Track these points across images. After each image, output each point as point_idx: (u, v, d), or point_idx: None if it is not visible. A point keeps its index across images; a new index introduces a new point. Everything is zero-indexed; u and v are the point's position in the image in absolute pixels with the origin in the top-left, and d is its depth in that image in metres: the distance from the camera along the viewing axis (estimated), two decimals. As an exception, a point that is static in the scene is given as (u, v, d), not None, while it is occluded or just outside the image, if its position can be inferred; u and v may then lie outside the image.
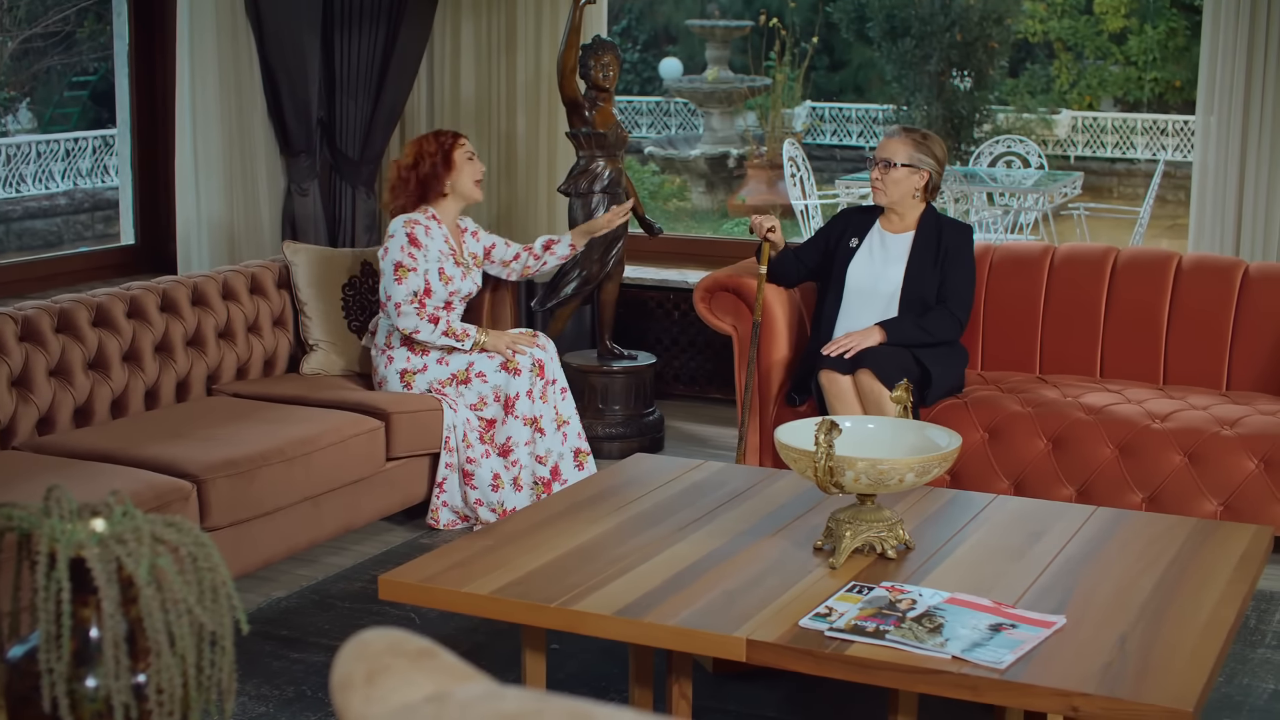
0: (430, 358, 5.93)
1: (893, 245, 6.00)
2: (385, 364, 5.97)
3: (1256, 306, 6.06)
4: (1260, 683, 4.52)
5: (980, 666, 3.28)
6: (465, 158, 6.01)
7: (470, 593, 3.75)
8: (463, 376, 5.89)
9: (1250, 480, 5.47)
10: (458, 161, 6.00)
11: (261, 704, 4.34)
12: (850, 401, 5.71)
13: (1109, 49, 18.82)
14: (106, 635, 2.08)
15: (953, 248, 5.95)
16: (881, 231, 6.03)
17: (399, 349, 5.95)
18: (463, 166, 6.00)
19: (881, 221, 6.05)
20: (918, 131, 6.04)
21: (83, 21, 14.36)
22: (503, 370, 5.86)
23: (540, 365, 5.89)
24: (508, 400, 5.84)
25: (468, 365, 5.89)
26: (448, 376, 5.90)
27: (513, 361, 5.87)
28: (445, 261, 5.96)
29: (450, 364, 5.91)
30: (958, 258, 5.95)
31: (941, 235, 5.97)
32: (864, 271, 5.99)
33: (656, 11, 20.57)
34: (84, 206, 14.15)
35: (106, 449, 5.16)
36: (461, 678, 1.74)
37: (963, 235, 6.01)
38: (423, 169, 5.98)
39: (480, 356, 5.89)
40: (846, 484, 3.82)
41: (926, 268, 5.93)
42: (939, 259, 5.94)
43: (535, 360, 5.88)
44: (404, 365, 5.94)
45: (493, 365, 5.87)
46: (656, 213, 14.93)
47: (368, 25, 7.43)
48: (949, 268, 5.93)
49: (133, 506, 2.21)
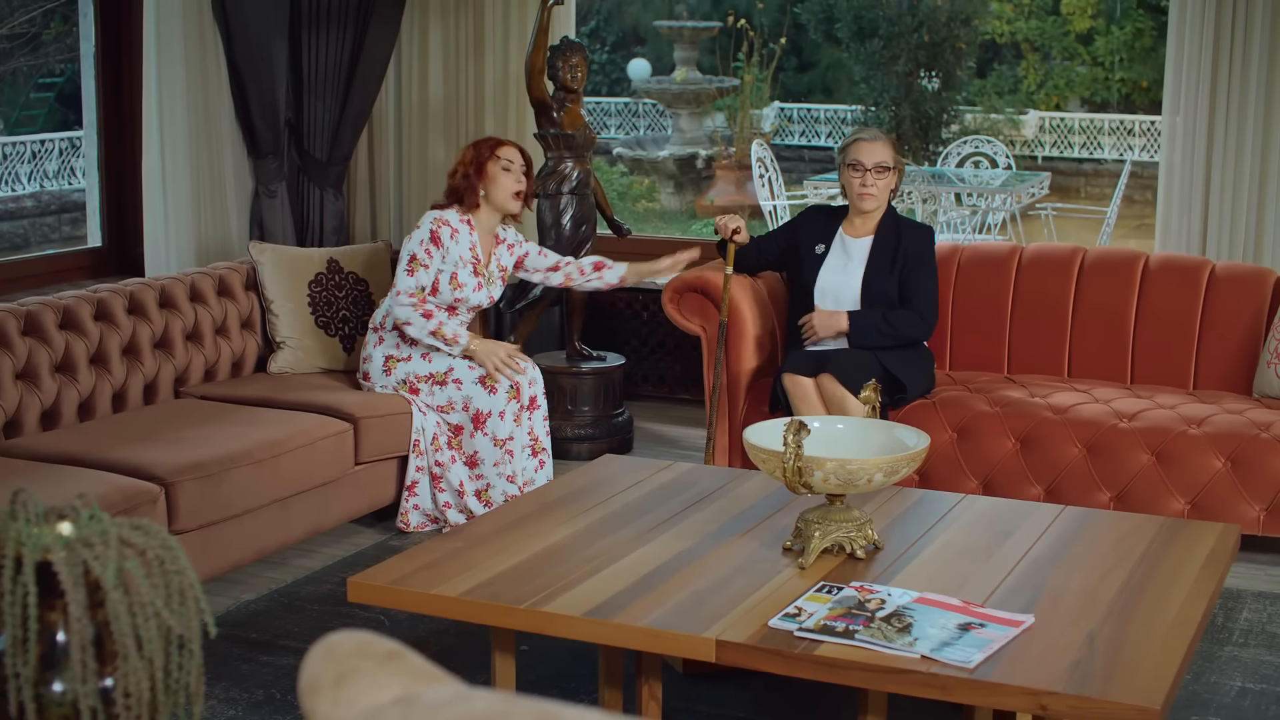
0: (416, 350, 5.90)
1: (854, 249, 6.00)
2: (376, 343, 5.96)
3: (1223, 306, 6.09)
4: (1227, 680, 4.54)
5: (949, 666, 3.29)
6: (501, 169, 5.94)
7: (439, 595, 3.74)
8: (440, 378, 5.87)
9: (1217, 479, 5.50)
10: (491, 172, 5.93)
11: (230, 707, 4.33)
12: (814, 404, 5.71)
13: (1076, 50, 18.89)
14: (73, 639, 2.07)
15: (913, 250, 5.93)
16: (844, 236, 6.03)
17: (390, 332, 5.93)
18: (497, 177, 5.94)
19: (845, 226, 6.04)
20: (881, 131, 6.07)
21: (49, 23, 14.30)
22: (479, 384, 5.83)
23: (517, 388, 5.86)
24: (478, 414, 5.81)
25: (447, 369, 5.87)
26: (426, 374, 5.88)
27: (492, 378, 5.83)
28: (463, 269, 5.90)
29: (433, 362, 5.88)
30: (919, 260, 5.94)
31: (901, 237, 5.95)
32: (830, 279, 5.98)
33: (625, 13, 20.58)
34: (50, 209, 14.09)
35: (73, 452, 5.14)
36: (430, 680, 1.74)
37: (924, 237, 6.00)
38: (457, 177, 5.94)
39: (461, 364, 5.86)
40: (815, 484, 3.83)
41: (884, 270, 5.92)
42: (897, 261, 5.92)
43: (514, 382, 5.85)
44: (391, 350, 5.92)
45: (472, 376, 5.84)
46: (625, 214, 14.94)
47: (335, 27, 7.41)
48: (912, 271, 5.92)
49: (100, 510, 2.20)
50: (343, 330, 6.35)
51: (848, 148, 5.98)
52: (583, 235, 6.97)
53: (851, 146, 5.96)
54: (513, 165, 5.94)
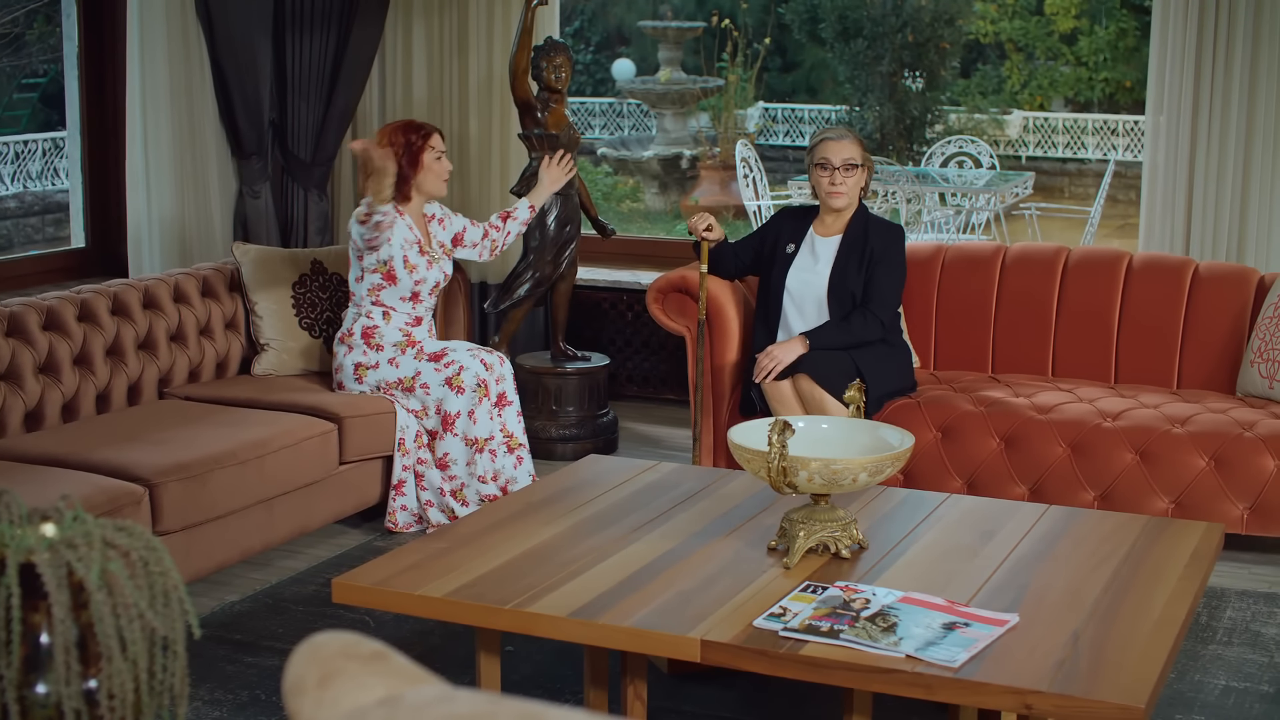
0: (383, 356, 5.91)
1: (822, 249, 5.99)
2: (345, 352, 5.97)
3: (1206, 305, 6.10)
4: (1212, 679, 4.55)
5: (934, 665, 3.29)
6: (434, 159, 5.99)
7: (424, 595, 3.74)
8: (408, 384, 5.88)
9: (1201, 478, 5.51)
10: (426, 162, 5.98)
11: (215, 708, 4.32)
12: (792, 406, 5.71)
13: (1060, 50, 18.92)
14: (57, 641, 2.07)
15: (879, 248, 5.92)
16: (814, 236, 6.02)
17: (359, 341, 5.95)
18: (432, 166, 5.99)
19: (816, 225, 6.04)
20: (847, 128, 6.09)
21: (32, 23, 14.26)
22: (446, 385, 5.83)
23: (484, 385, 5.86)
24: (446, 416, 5.82)
25: (414, 374, 5.87)
26: (395, 380, 5.89)
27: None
28: (410, 250, 5.95)
29: (400, 368, 5.89)
30: (885, 258, 5.92)
31: (869, 236, 5.95)
32: (799, 278, 5.97)
33: (609, 13, 20.57)
34: (34, 209, 14.06)
35: (57, 453, 5.13)
36: (414, 680, 1.74)
37: (892, 236, 5.99)
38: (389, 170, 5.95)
39: (427, 367, 5.87)
40: (800, 484, 3.83)
41: (852, 269, 5.91)
42: (865, 260, 5.91)
43: (479, 379, 5.85)
44: (360, 359, 5.93)
45: (438, 379, 5.84)
46: (609, 214, 14.93)
47: (319, 27, 7.40)
48: (876, 268, 5.91)
49: (84, 511, 2.19)
50: (327, 332, 6.34)
51: (815, 147, 5.98)
52: (567, 235, 6.96)
53: (819, 146, 5.96)
54: (443, 154, 6.05)
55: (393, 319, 5.97)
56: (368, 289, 5.96)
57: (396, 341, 5.94)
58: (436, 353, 5.90)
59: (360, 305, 5.99)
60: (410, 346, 5.93)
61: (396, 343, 5.93)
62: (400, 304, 5.97)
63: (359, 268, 5.97)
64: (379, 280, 5.95)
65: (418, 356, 5.90)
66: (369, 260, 5.92)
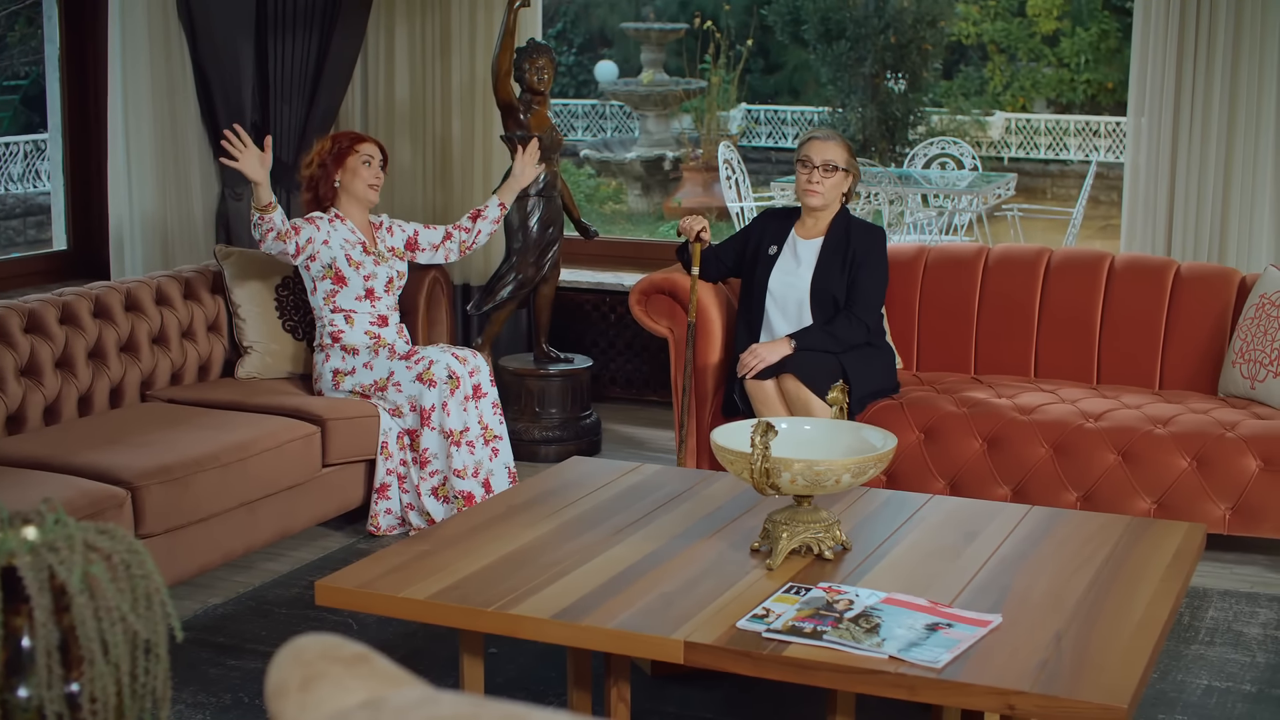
0: (358, 360, 5.92)
1: (805, 250, 5.99)
2: (324, 360, 5.99)
3: (1188, 306, 6.11)
4: (1194, 679, 4.55)
5: (917, 666, 3.30)
6: (361, 163, 6.02)
7: (407, 598, 3.74)
8: (382, 384, 5.88)
9: (1183, 478, 5.52)
10: (351, 165, 6.02)
11: (198, 712, 4.31)
12: (776, 407, 5.71)
13: (1042, 51, 18.95)
14: (39, 644, 2.06)
15: (861, 251, 5.92)
16: (795, 238, 6.03)
17: (335, 348, 5.96)
18: (357, 170, 6.01)
19: (797, 228, 6.04)
20: (838, 133, 6.10)
21: (13, 25, 14.23)
22: (418, 381, 5.83)
23: (456, 377, 5.85)
24: (423, 411, 5.82)
25: (388, 374, 5.88)
26: (370, 382, 5.89)
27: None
28: (352, 250, 5.97)
29: (375, 369, 5.90)
30: (867, 261, 5.92)
31: (850, 238, 5.95)
32: (781, 279, 5.98)
33: (591, 14, 20.58)
34: (15, 212, 14.02)
35: (39, 456, 5.12)
36: (397, 683, 1.73)
37: (873, 238, 5.99)
38: (314, 166, 6.06)
39: (399, 365, 5.87)
40: (783, 485, 3.83)
41: (834, 271, 5.91)
42: (847, 262, 5.92)
43: (451, 371, 5.84)
44: (337, 365, 5.94)
45: (409, 376, 5.84)
46: (592, 215, 14.94)
47: (301, 29, 7.39)
48: (858, 271, 5.91)
49: (65, 514, 2.19)
50: (311, 334, 6.33)
51: (802, 145, 6.00)
52: (549, 237, 6.96)
53: (806, 144, 5.99)
54: (372, 160, 6.05)
55: (356, 321, 5.98)
56: (323, 297, 5.99)
57: (367, 345, 5.94)
58: (407, 353, 5.92)
59: (322, 315, 6.01)
60: (381, 348, 5.94)
61: (367, 345, 5.94)
62: (358, 304, 5.98)
63: (309, 279, 6.01)
64: (330, 286, 5.98)
65: (390, 357, 5.90)
66: (315, 269, 5.95)
